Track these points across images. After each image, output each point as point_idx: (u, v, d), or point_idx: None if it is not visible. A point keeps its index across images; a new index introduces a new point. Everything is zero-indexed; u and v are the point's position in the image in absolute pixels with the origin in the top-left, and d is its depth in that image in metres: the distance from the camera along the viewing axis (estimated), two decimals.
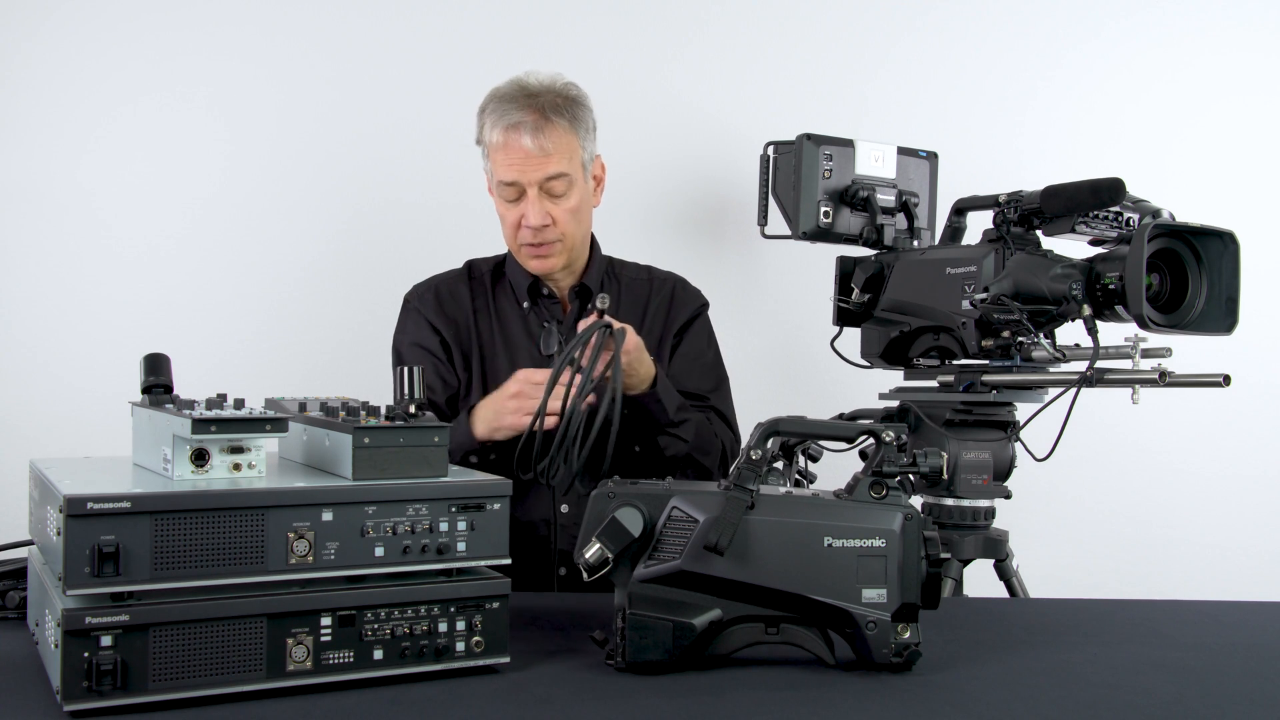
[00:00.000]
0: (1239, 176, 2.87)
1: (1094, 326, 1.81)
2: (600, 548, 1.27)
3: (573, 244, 2.01)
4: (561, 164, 1.94)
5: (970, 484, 2.01)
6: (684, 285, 2.19)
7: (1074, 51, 2.88)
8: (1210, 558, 2.83)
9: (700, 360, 2.13)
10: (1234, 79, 2.90)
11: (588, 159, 2.01)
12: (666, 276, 2.20)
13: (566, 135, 1.95)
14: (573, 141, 1.96)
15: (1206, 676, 1.33)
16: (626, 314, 2.09)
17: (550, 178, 1.94)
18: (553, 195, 1.96)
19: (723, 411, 2.10)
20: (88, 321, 2.57)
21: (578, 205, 1.98)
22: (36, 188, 2.56)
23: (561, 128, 1.94)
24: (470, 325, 2.09)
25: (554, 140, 1.93)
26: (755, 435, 1.32)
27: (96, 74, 2.57)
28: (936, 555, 1.30)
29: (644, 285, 2.16)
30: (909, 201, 2.22)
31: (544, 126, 1.93)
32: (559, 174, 1.94)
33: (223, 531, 1.13)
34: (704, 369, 2.12)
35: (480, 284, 2.13)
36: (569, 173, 1.95)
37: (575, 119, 1.97)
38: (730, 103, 2.77)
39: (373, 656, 1.20)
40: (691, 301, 2.17)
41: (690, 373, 2.09)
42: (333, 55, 2.64)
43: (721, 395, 2.13)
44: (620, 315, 2.06)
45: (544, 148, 1.92)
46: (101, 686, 1.07)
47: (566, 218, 1.97)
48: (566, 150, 1.95)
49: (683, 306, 2.14)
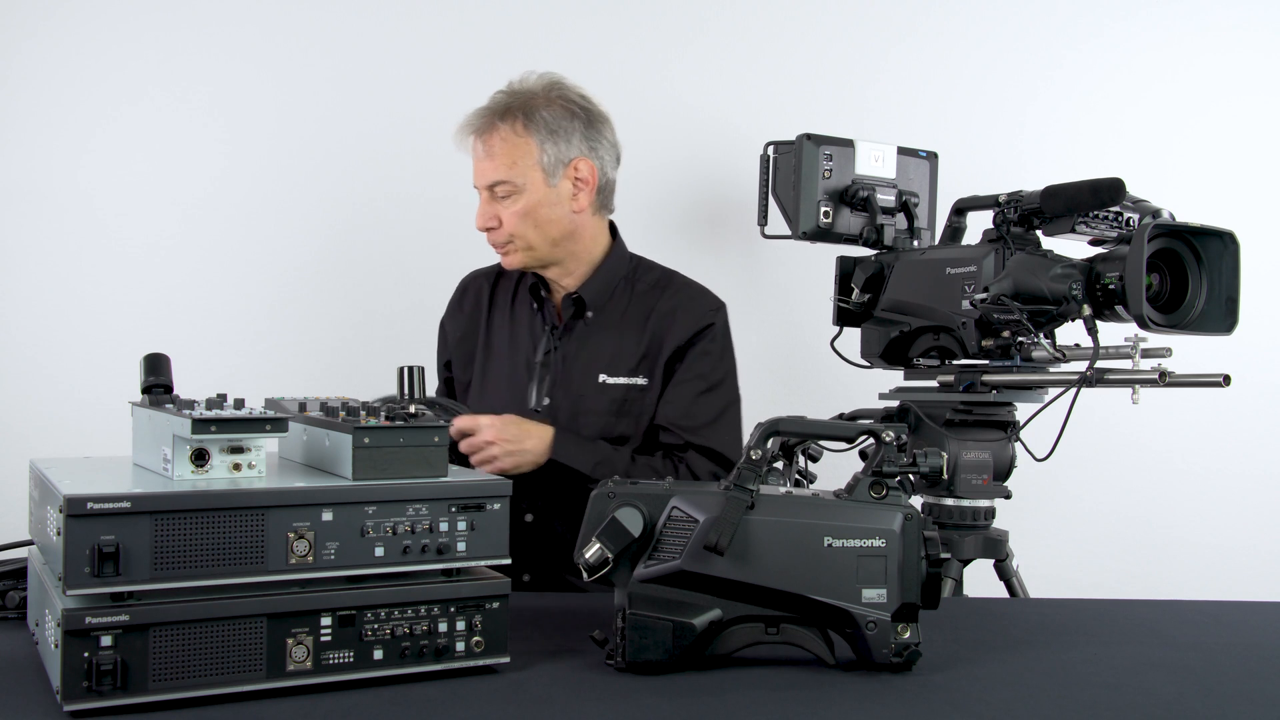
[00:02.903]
0: (1239, 176, 2.87)
1: (1094, 326, 1.81)
2: (600, 548, 1.27)
3: (530, 244, 1.97)
4: (500, 169, 1.94)
5: (970, 484, 2.01)
6: (692, 300, 2.04)
7: (1074, 51, 2.88)
8: (1210, 558, 2.83)
9: (687, 390, 1.98)
10: (1234, 79, 2.90)
11: (551, 162, 1.95)
12: (684, 286, 2.07)
13: (512, 139, 1.94)
14: (522, 145, 1.94)
15: (1206, 676, 1.33)
16: (632, 322, 2.02)
17: (494, 183, 1.95)
18: (499, 198, 1.96)
19: (710, 447, 1.96)
20: (88, 321, 2.57)
21: (527, 209, 1.94)
22: (36, 188, 2.56)
23: (506, 132, 1.94)
24: (481, 322, 2.11)
25: (491, 145, 1.94)
26: (755, 435, 1.32)
27: (96, 74, 2.57)
28: (936, 555, 1.30)
29: (658, 293, 2.04)
30: (909, 201, 2.22)
31: (486, 131, 1.95)
32: (499, 180, 1.94)
33: (223, 531, 1.13)
34: (691, 403, 1.97)
35: (509, 279, 2.12)
36: (509, 179, 1.93)
37: (532, 122, 1.94)
38: (730, 103, 2.77)
39: (373, 656, 1.20)
40: (695, 320, 2.00)
41: (675, 405, 1.97)
42: (332, 55, 2.64)
43: (714, 430, 1.97)
44: (625, 323, 2.02)
45: (479, 152, 1.95)
46: (101, 686, 1.07)
47: (513, 221, 1.95)
48: (509, 155, 1.93)
49: (685, 324, 2.00)
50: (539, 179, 1.95)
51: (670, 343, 2.00)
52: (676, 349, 2.00)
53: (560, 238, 1.99)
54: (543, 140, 1.94)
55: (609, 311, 2.03)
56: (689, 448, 1.97)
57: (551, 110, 1.96)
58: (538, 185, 1.95)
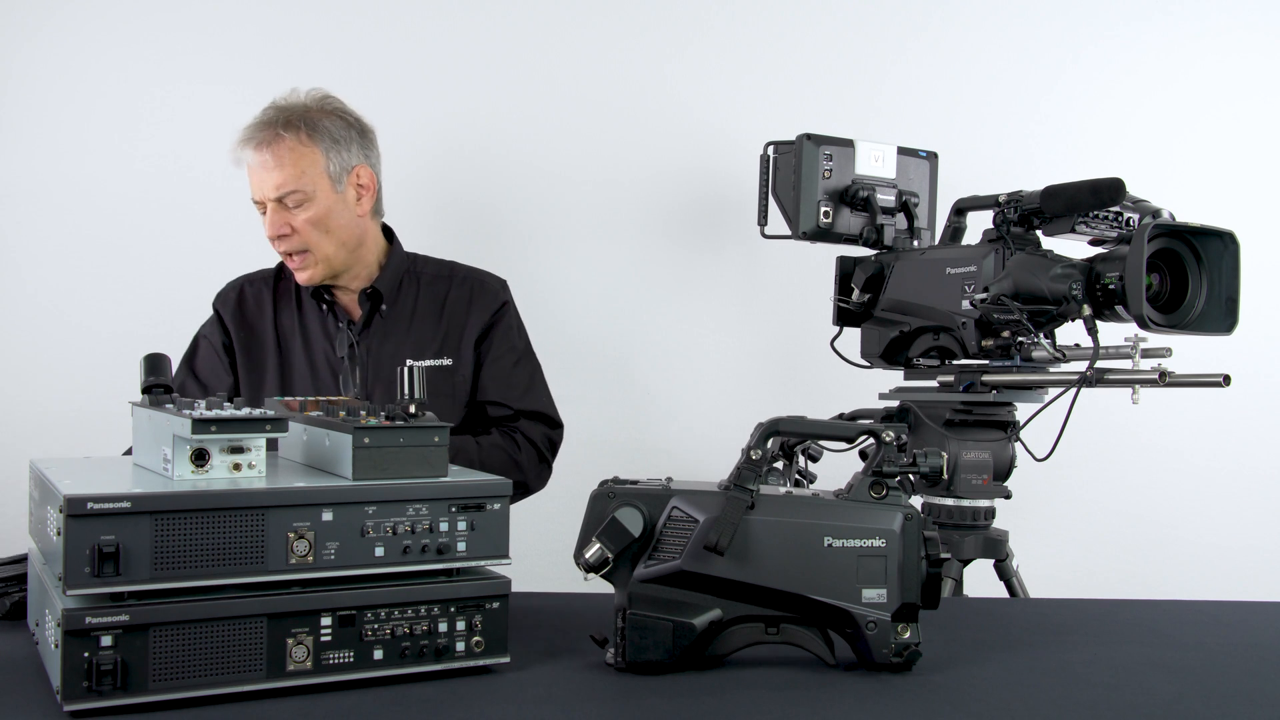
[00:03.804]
0: (1239, 177, 2.87)
1: (1094, 326, 1.81)
2: (600, 548, 1.27)
3: (325, 255, 2.03)
4: (289, 180, 1.97)
5: (970, 484, 2.01)
6: (483, 284, 2.19)
7: (1074, 52, 2.88)
8: (1210, 558, 2.83)
9: (503, 364, 2.14)
10: (1233, 80, 2.90)
11: (336, 170, 2.01)
12: (469, 274, 2.20)
13: (299, 149, 1.98)
14: (307, 154, 1.98)
15: (1206, 676, 1.33)
16: (424, 311, 2.12)
17: (282, 194, 1.97)
18: (289, 208, 1.99)
19: (533, 410, 2.13)
20: (88, 321, 2.57)
21: (319, 216, 2.00)
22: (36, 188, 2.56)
23: (291, 142, 1.97)
24: (269, 324, 2.13)
25: (279, 154, 1.97)
26: (755, 435, 1.32)
27: (97, 74, 2.57)
28: (936, 555, 1.30)
29: (444, 283, 2.16)
30: (909, 201, 2.22)
31: (271, 142, 1.97)
32: (291, 190, 1.97)
33: (223, 531, 1.13)
34: (509, 375, 2.14)
35: (288, 283, 2.15)
36: (299, 188, 1.97)
37: (316, 131, 1.99)
38: (730, 103, 2.77)
39: (373, 656, 1.20)
40: (491, 301, 2.16)
41: (497, 380, 2.12)
42: (334, 56, 2.64)
43: (533, 393, 2.15)
44: (418, 313, 2.12)
45: (267, 163, 1.97)
46: (101, 686, 1.07)
47: (307, 228, 1.99)
48: (297, 164, 1.97)
49: (482, 307, 2.14)
50: (327, 186, 2.01)
51: (473, 326, 2.13)
52: (481, 331, 2.14)
53: (352, 244, 2.07)
54: (327, 149, 2.01)
55: (402, 304, 2.14)
56: (519, 416, 2.12)
57: (330, 120, 2.03)
58: (327, 192, 2.01)
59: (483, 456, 2.01)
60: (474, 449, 2.01)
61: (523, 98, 2.75)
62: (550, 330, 2.42)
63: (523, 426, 2.11)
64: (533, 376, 2.18)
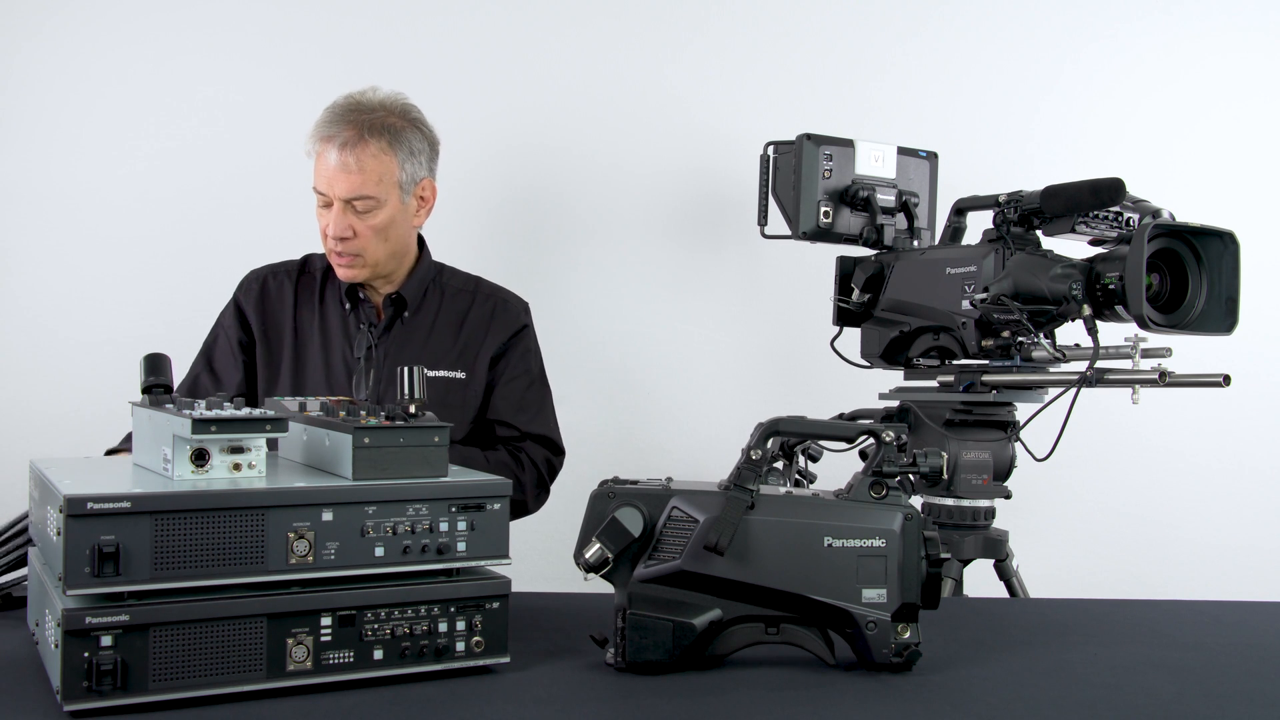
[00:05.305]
0: (1239, 177, 2.87)
1: (1094, 326, 1.81)
2: (600, 548, 1.27)
3: (375, 260, 2.03)
4: (367, 185, 1.97)
5: (970, 484, 2.01)
6: (505, 304, 2.19)
7: (1074, 52, 2.88)
8: (1210, 558, 2.83)
9: (516, 386, 2.14)
10: (1233, 80, 2.90)
11: (407, 180, 2.02)
12: (493, 292, 2.20)
13: (380, 156, 1.98)
14: (386, 163, 1.99)
15: (1206, 676, 1.33)
16: (445, 323, 2.12)
17: (355, 197, 1.97)
18: (357, 211, 1.99)
19: (539, 434, 2.13)
20: (88, 321, 2.57)
21: (384, 224, 2.00)
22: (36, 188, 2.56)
23: (375, 149, 1.98)
24: (289, 318, 2.13)
25: (362, 160, 1.97)
26: (755, 435, 1.32)
27: (97, 74, 2.57)
28: (936, 555, 1.30)
29: (467, 297, 2.17)
30: (909, 201, 2.22)
31: (356, 145, 1.97)
32: (362, 195, 1.97)
33: (223, 531, 1.13)
34: (521, 397, 2.14)
35: (310, 278, 2.16)
36: (374, 195, 1.98)
37: (397, 141, 2.00)
38: (730, 103, 2.77)
39: (373, 656, 1.20)
40: (512, 322, 2.16)
41: (509, 401, 2.13)
42: (334, 55, 2.64)
43: (541, 418, 2.16)
44: (438, 324, 2.12)
45: (348, 165, 1.96)
46: (101, 686, 1.07)
47: (369, 234, 2.00)
48: (376, 171, 1.98)
49: (502, 327, 2.15)
50: (396, 196, 2.02)
51: (490, 344, 2.13)
52: (499, 351, 2.14)
53: (401, 252, 2.09)
54: (404, 160, 2.02)
55: (424, 312, 2.14)
56: (525, 438, 2.12)
57: (411, 132, 2.04)
58: (395, 202, 2.02)
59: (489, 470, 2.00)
60: (481, 461, 2.01)
61: (522, 98, 2.75)
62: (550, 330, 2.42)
63: (527, 448, 2.11)
64: (543, 401, 2.18)
